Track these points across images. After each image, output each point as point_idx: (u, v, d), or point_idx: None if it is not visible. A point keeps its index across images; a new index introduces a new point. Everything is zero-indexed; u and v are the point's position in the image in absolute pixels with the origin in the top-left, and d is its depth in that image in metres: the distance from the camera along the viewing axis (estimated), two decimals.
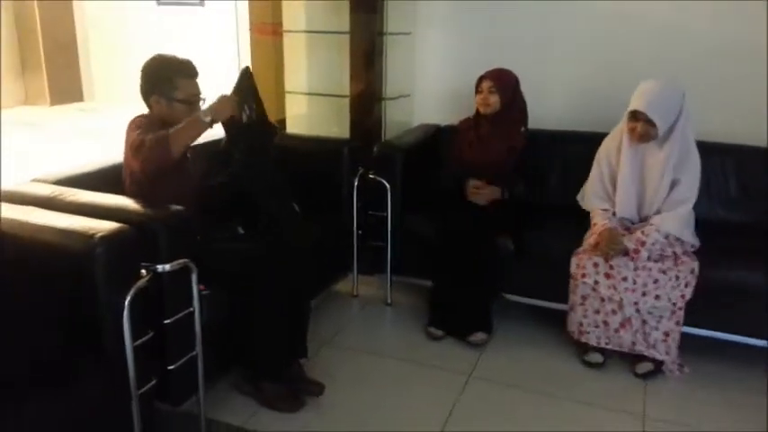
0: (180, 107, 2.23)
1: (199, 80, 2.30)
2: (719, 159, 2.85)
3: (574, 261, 2.50)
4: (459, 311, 2.73)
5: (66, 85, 8.68)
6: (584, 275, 2.47)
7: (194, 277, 1.90)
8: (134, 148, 2.09)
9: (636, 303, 2.40)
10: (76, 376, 1.66)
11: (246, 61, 3.50)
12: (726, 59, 2.98)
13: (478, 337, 2.68)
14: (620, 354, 2.53)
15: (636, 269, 2.40)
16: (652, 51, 3.09)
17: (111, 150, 2.32)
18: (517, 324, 2.88)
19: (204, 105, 2.23)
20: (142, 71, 2.26)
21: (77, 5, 8.74)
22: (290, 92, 3.55)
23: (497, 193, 2.80)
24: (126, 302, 1.67)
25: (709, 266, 2.43)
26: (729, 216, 2.85)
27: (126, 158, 2.18)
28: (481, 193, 2.80)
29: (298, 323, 2.35)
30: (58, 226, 1.73)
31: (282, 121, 3.59)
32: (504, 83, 2.85)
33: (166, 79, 2.22)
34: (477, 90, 2.88)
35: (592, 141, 2.88)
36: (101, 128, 7.07)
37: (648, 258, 2.41)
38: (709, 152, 2.67)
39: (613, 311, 2.46)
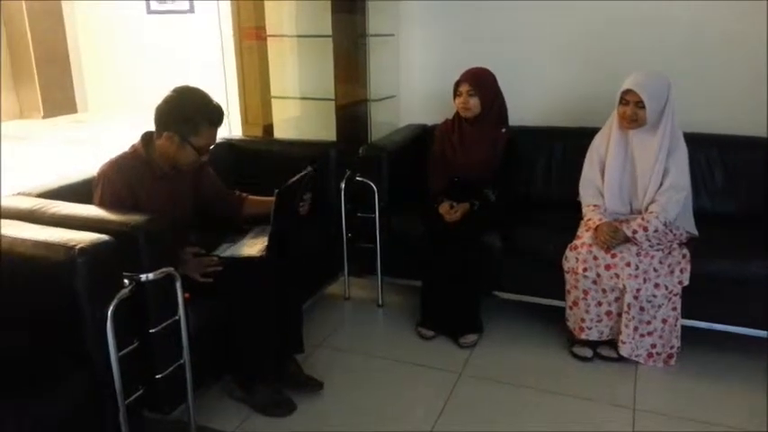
0: (191, 153, 2.12)
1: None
2: (704, 150, 2.86)
3: (572, 255, 2.50)
4: (450, 311, 2.73)
5: (58, 97, 8.70)
6: (585, 269, 2.47)
7: (179, 285, 1.90)
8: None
9: (638, 290, 2.40)
10: (63, 388, 1.67)
11: (231, 67, 3.50)
12: (711, 52, 2.99)
13: (469, 339, 2.69)
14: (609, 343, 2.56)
15: (639, 254, 2.41)
16: (637, 48, 3.08)
17: (105, 160, 2.24)
18: (507, 320, 2.88)
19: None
20: (170, 100, 2.10)
21: (68, 17, 8.76)
22: (275, 96, 3.55)
23: (467, 206, 2.75)
24: (109, 312, 1.68)
25: (704, 258, 2.44)
26: (716, 207, 2.85)
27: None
28: (452, 213, 2.73)
29: (290, 323, 2.37)
30: (39, 239, 1.73)
31: (270, 126, 3.60)
32: (482, 84, 2.81)
33: (192, 122, 2.08)
34: (456, 94, 2.85)
35: (578, 136, 2.91)
36: (95, 138, 7.08)
37: (651, 247, 2.42)
38: (694, 143, 2.67)
39: (616, 299, 2.47)
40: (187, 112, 2.09)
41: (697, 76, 3.00)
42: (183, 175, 2.27)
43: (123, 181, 2.09)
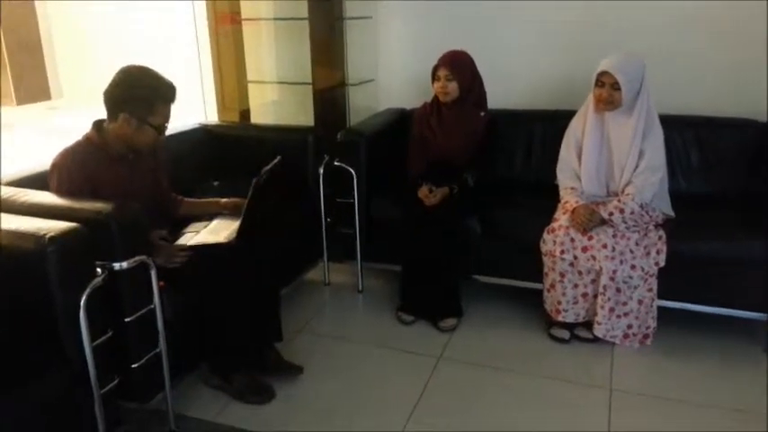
0: (149, 131, 2.09)
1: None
2: (680, 132, 2.87)
3: (549, 238, 2.51)
4: (429, 296, 2.74)
5: (32, 84, 8.56)
6: (562, 252, 2.48)
7: (154, 273, 1.88)
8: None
9: (614, 272, 2.42)
10: (37, 378, 1.65)
11: (206, 51, 3.44)
12: (687, 35, 3.01)
13: (449, 322, 2.70)
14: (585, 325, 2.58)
15: (615, 236, 2.42)
16: (615, 30, 3.08)
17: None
18: (486, 304, 2.90)
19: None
20: (120, 82, 2.06)
21: (39, 4, 8.57)
22: (252, 81, 3.51)
23: (446, 190, 2.73)
24: (82, 302, 1.65)
25: (680, 239, 2.45)
26: (691, 188, 2.88)
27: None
28: (432, 197, 2.72)
29: (267, 311, 2.35)
30: (9, 228, 1.70)
31: (246, 112, 3.55)
32: (460, 68, 2.79)
33: (146, 101, 2.05)
34: (434, 78, 2.82)
35: (555, 119, 2.91)
36: (70, 125, 6.96)
37: (627, 228, 2.43)
38: (670, 125, 2.68)
39: (593, 281, 2.49)
40: (140, 92, 2.06)
41: (673, 58, 3.01)
42: (144, 160, 2.23)
43: (79, 169, 2.05)
